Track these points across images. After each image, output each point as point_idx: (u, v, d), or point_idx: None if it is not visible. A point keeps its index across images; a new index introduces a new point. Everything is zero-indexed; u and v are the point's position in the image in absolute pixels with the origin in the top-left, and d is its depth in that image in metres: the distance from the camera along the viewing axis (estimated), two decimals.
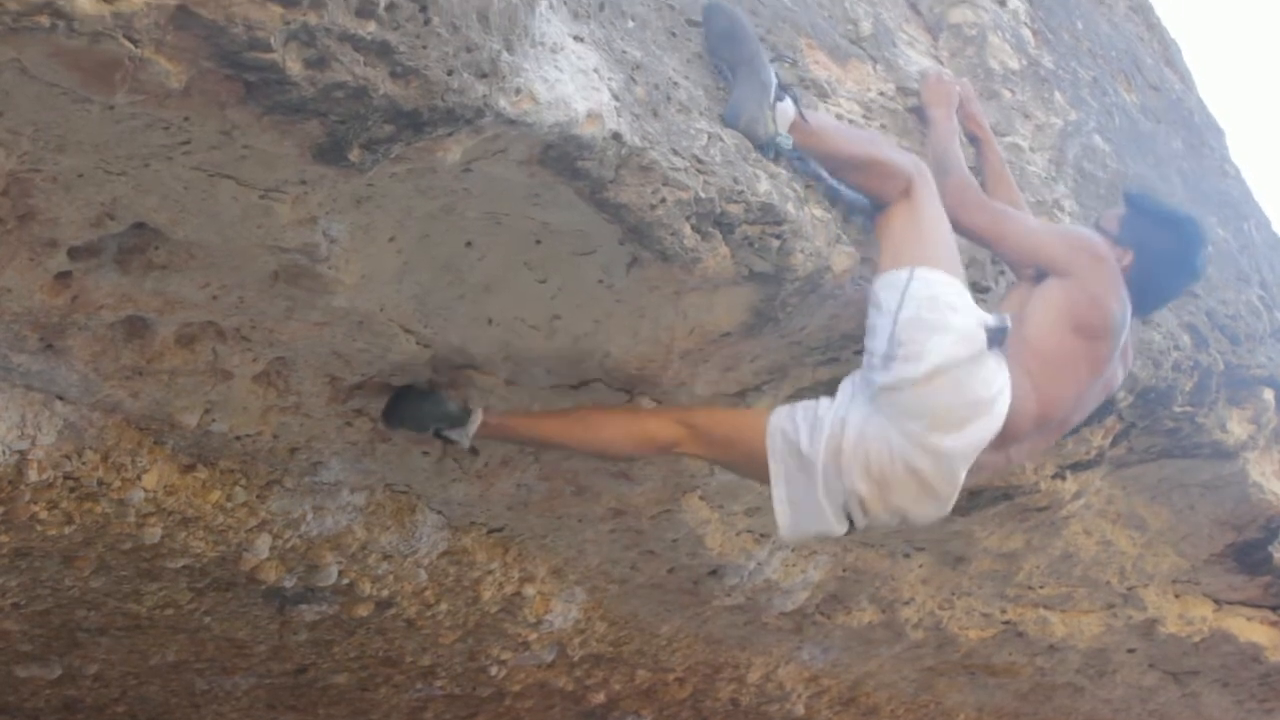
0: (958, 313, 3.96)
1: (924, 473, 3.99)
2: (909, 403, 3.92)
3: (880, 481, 3.99)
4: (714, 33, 3.92)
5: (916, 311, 3.91)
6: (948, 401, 3.93)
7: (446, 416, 4.10)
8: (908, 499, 4.05)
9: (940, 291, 3.96)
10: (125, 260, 3.39)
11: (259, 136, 2.89)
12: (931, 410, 3.92)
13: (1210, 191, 6.78)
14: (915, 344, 3.89)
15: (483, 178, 3.29)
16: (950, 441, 3.96)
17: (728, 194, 3.68)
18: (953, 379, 3.91)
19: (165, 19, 2.53)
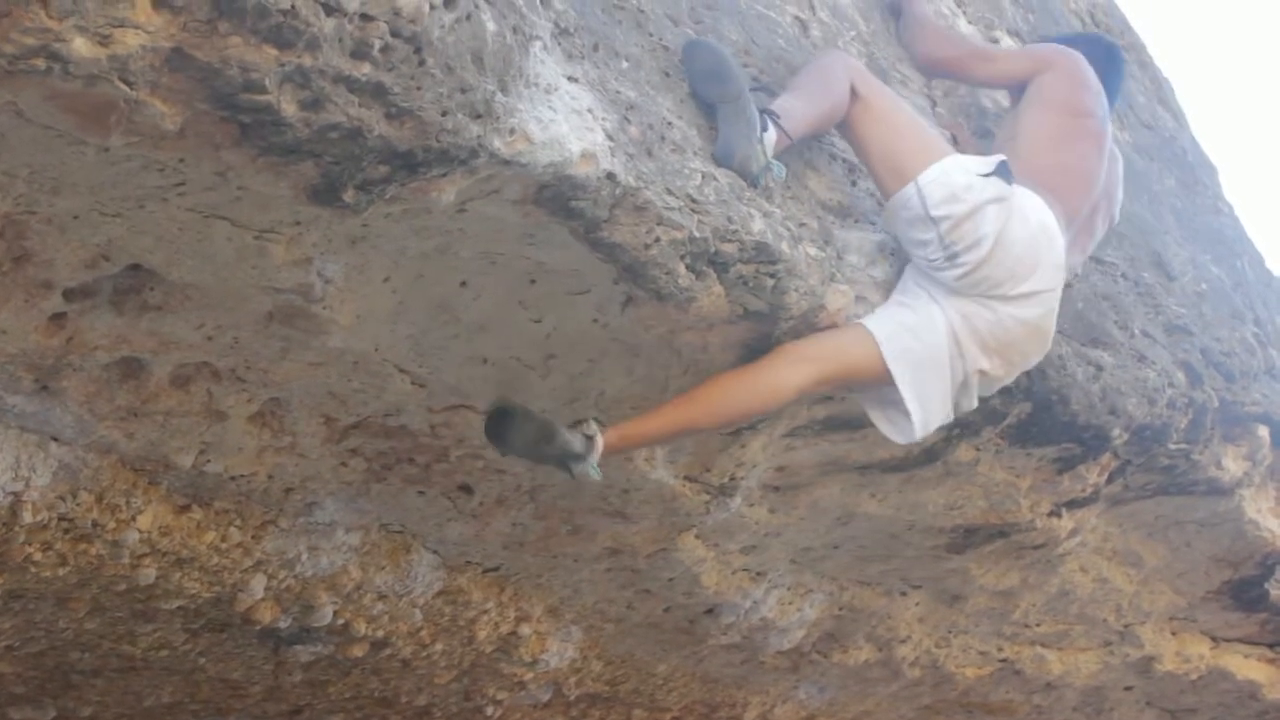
0: (973, 188, 4.17)
1: (1033, 319, 4.31)
2: (988, 276, 4.18)
3: (999, 350, 4.29)
4: (698, 72, 3.92)
5: (948, 212, 4.15)
6: (1018, 254, 4.20)
7: (567, 454, 3.93)
8: (1029, 349, 4.41)
9: (950, 180, 4.18)
10: (120, 301, 3.40)
11: (254, 178, 2.90)
12: (1011, 270, 4.19)
13: (1204, 229, 6.79)
14: (966, 236, 4.14)
15: (477, 218, 3.30)
16: (1038, 279, 4.26)
17: (722, 233, 3.68)
18: (1010, 236, 4.17)
19: (160, 61, 2.54)
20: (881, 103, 4.34)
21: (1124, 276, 5.71)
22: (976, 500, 5.45)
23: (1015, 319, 4.25)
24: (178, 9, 2.50)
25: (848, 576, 5.89)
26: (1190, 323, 5.95)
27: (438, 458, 4.33)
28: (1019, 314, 4.26)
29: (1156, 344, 5.65)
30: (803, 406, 4.49)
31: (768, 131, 3.93)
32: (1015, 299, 4.24)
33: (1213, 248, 6.72)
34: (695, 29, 4.09)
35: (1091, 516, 5.95)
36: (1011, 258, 4.19)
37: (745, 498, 4.86)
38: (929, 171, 4.19)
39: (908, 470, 5.11)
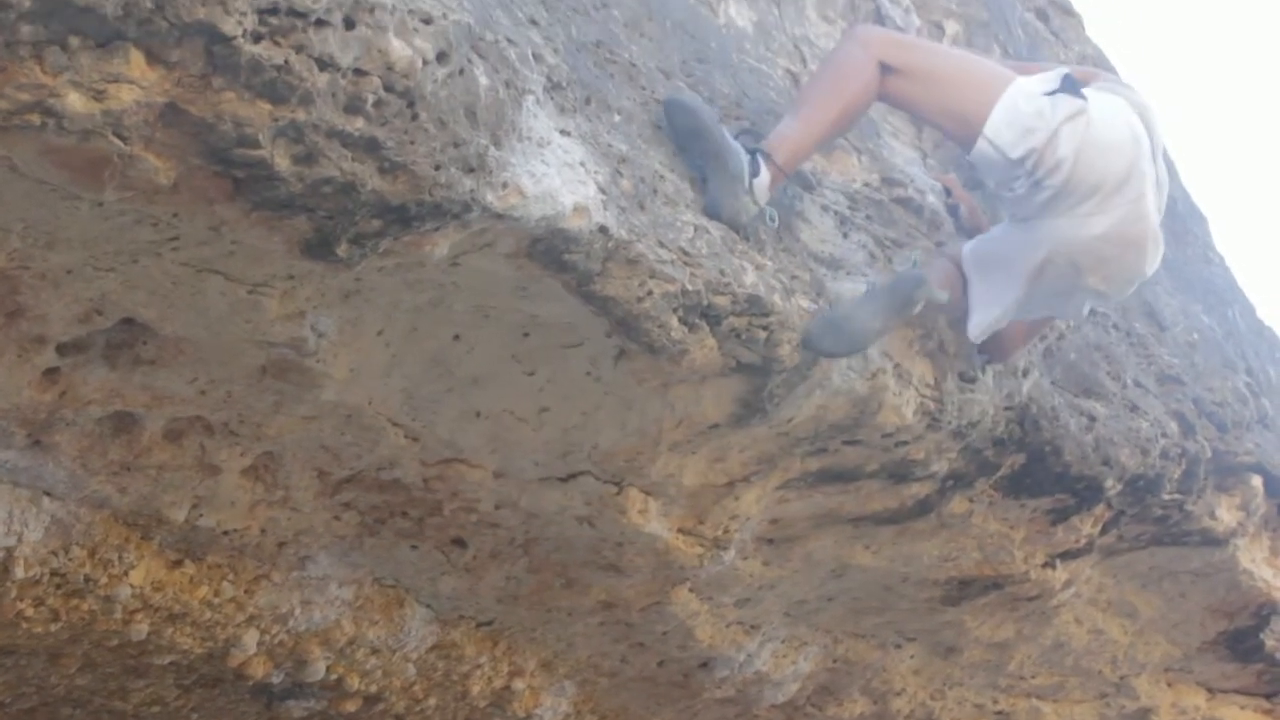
0: (1043, 113, 4.19)
1: (1132, 233, 4.32)
2: (1076, 192, 4.22)
3: (1095, 267, 4.35)
4: (679, 130, 3.90)
5: (1029, 147, 4.17)
6: (1103, 165, 4.23)
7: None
8: (1141, 261, 4.45)
9: (1018, 116, 4.20)
10: (113, 355, 3.40)
11: (247, 232, 2.90)
12: (1096, 184, 4.23)
13: (1194, 279, 6.82)
14: (1047, 160, 4.17)
15: (470, 271, 3.30)
16: (1130, 189, 4.27)
17: (714, 286, 3.69)
18: (1091, 150, 4.20)
19: (154, 116, 2.55)
20: (921, 64, 4.33)
21: (1116, 327, 5.73)
22: (971, 552, 5.44)
23: (1119, 235, 4.28)
24: (172, 64, 2.51)
25: (842, 629, 5.88)
26: (1182, 373, 5.97)
27: (431, 511, 4.32)
28: (1121, 229, 4.28)
29: (1149, 394, 5.67)
30: (796, 459, 4.49)
31: (759, 176, 3.92)
32: (1115, 214, 4.25)
33: (1204, 297, 6.75)
34: (687, 82, 4.11)
35: (1086, 568, 5.95)
36: (1096, 172, 4.21)
37: (739, 550, 4.85)
38: (993, 117, 4.20)
39: (902, 522, 5.11)
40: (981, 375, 4.74)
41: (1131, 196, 4.28)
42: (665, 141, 3.88)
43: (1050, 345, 5.22)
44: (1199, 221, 7.47)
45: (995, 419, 4.86)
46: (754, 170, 3.90)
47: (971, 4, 5.85)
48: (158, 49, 2.48)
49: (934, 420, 4.59)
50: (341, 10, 2.65)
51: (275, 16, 2.56)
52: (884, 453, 4.62)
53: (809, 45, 4.92)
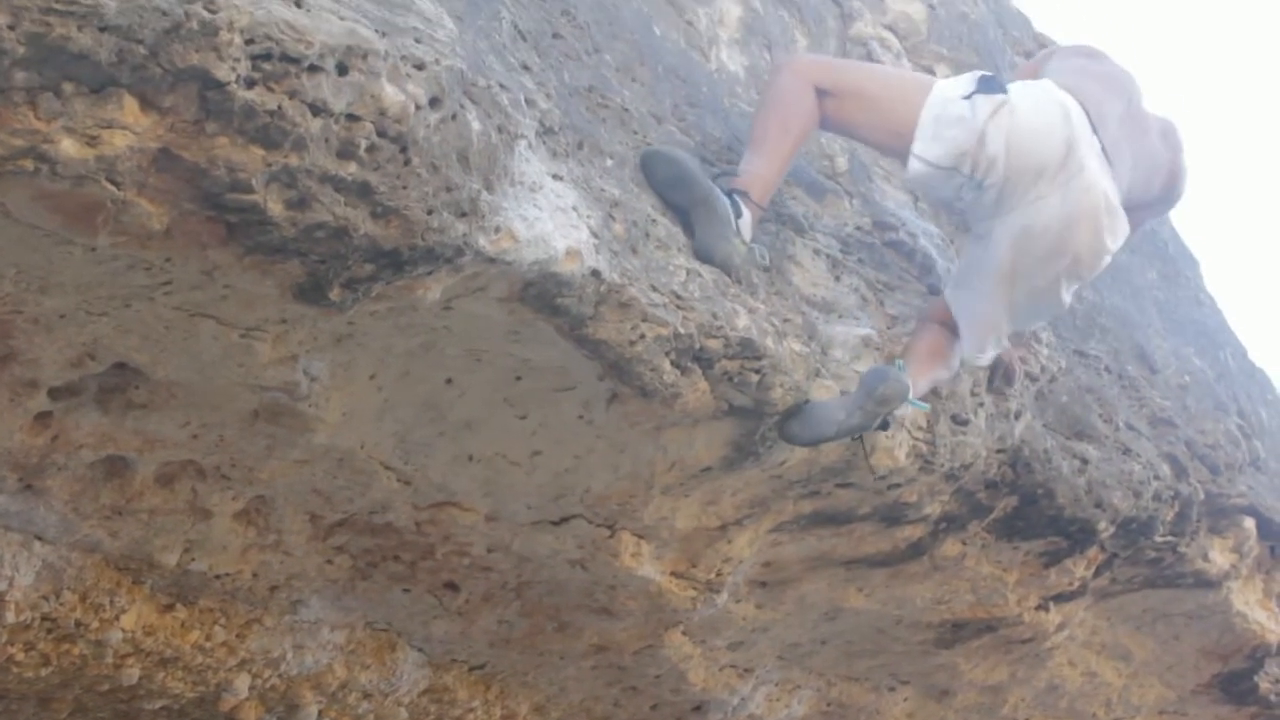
0: (965, 118, 4.25)
1: (1085, 204, 4.32)
2: (1020, 181, 4.26)
3: (1069, 247, 4.35)
4: (660, 182, 3.90)
5: (956, 155, 4.24)
6: (1035, 148, 4.27)
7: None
8: (1099, 232, 4.40)
9: (940, 129, 4.27)
10: (106, 400, 3.40)
11: (240, 276, 2.91)
12: (1039, 165, 4.27)
13: (1186, 321, 6.83)
14: (981, 162, 4.23)
15: (463, 315, 3.31)
16: (1073, 162, 4.28)
17: (707, 329, 3.70)
18: (1020, 137, 4.25)
19: (148, 162, 2.56)
20: (852, 84, 4.39)
21: (1108, 369, 5.74)
22: (964, 594, 5.44)
23: (1060, 213, 4.29)
24: (165, 110, 2.52)
25: (835, 672, 5.87)
26: (1174, 415, 5.97)
27: (423, 555, 4.31)
28: (1062, 205, 4.29)
29: (1141, 437, 5.67)
30: (788, 502, 4.49)
31: (743, 217, 3.94)
32: (1053, 191, 4.28)
33: (1195, 340, 6.76)
34: (679, 126, 4.13)
35: (1079, 610, 5.95)
36: (1033, 156, 4.25)
37: (732, 593, 4.85)
38: (919, 133, 4.26)
39: (894, 565, 5.11)
40: (974, 418, 4.74)
41: (1074, 170, 4.30)
42: None
43: (1042, 388, 5.22)
44: (1190, 264, 7.49)
45: (988, 461, 4.86)
46: (737, 211, 3.92)
47: (961, 48, 5.89)
48: (151, 95, 2.49)
49: (926, 463, 4.59)
50: (334, 56, 2.66)
51: (268, 62, 2.57)
52: (876, 495, 4.62)
53: None
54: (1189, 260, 7.53)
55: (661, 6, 4.48)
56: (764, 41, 4.90)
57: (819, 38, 5.27)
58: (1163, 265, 7.02)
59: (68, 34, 2.33)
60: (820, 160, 4.80)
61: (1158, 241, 7.11)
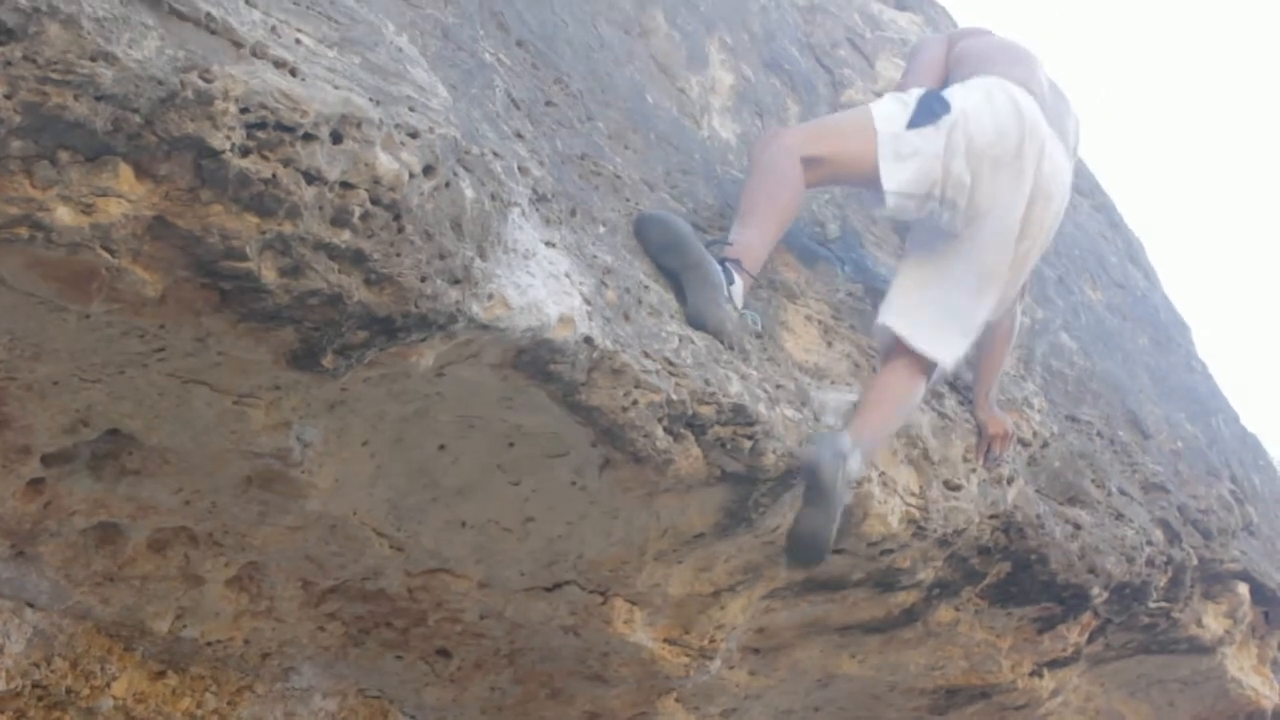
0: (919, 151, 4.47)
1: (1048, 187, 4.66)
2: (985, 188, 4.50)
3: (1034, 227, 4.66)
4: (654, 246, 3.93)
5: (928, 184, 4.45)
6: (999, 145, 4.53)
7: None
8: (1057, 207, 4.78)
9: (901, 163, 4.45)
10: (99, 466, 3.40)
11: (234, 343, 2.91)
12: (995, 160, 4.50)
13: (1178, 387, 6.84)
14: (950, 186, 4.46)
15: (456, 381, 3.31)
16: (1027, 153, 4.57)
17: (699, 395, 3.70)
18: (977, 144, 4.49)
19: (142, 230, 2.57)
20: (834, 149, 4.50)
21: (1100, 435, 5.74)
22: (958, 660, 5.42)
23: (1033, 195, 4.57)
24: (160, 178, 2.53)
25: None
26: (1167, 480, 5.97)
27: (416, 621, 4.30)
28: (1033, 190, 4.57)
29: (1134, 502, 5.67)
30: (782, 568, 4.48)
31: (734, 284, 3.97)
32: (1023, 177, 4.53)
33: (1187, 405, 6.77)
34: (671, 194, 4.15)
35: (1073, 676, 5.92)
36: (994, 153, 4.49)
37: (725, 660, 4.83)
38: (882, 171, 4.44)
39: (888, 631, 5.09)
40: (966, 483, 4.75)
41: (1033, 155, 4.58)
42: None
43: (1034, 453, 5.23)
44: (1181, 330, 7.52)
45: (981, 527, 4.86)
46: (729, 279, 3.95)
47: None
48: (147, 163, 2.51)
49: (920, 529, 4.59)
50: (329, 125, 2.68)
51: (263, 131, 2.58)
52: (870, 561, 4.62)
53: None
54: (1180, 326, 7.55)
55: (654, 74, 4.52)
56: (755, 109, 4.94)
57: (810, 105, 5.31)
58: (1154, 331, 7.04)
59: (64, 103, 2.35)
60: (811, 226, 4.83)
61: (1148, 307, 7.14)
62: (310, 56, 2.72)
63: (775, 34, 5.36)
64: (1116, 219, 7.59)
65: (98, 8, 2.33)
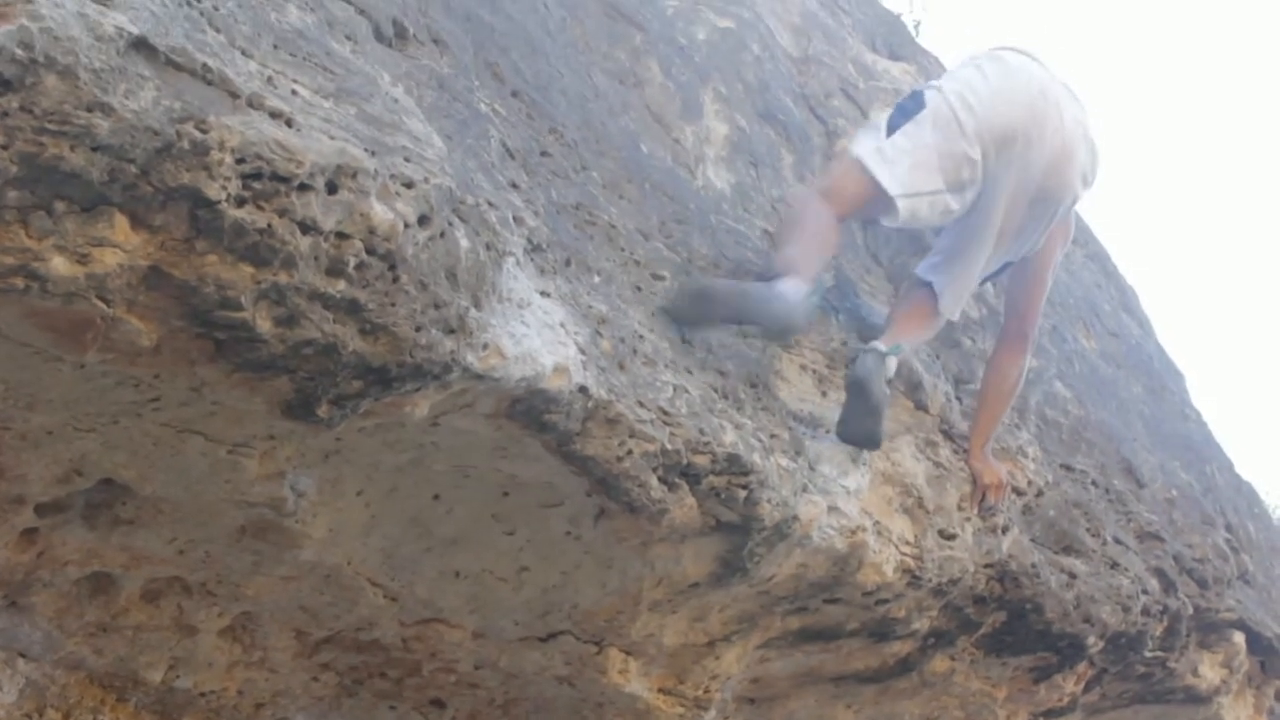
0: (907, 146, 4.58)
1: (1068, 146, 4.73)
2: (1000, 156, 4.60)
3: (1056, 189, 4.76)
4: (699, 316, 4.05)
5: (927, 174, 4.55)
6: (1006, 115, 4.62)
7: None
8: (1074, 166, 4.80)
9: (898, 164, 4.55)
10: (92, 516, 3.39)
11: (228, 393, 2.91)
12: (998, 116, 4.60)
13: (1172, 435, 6.85)
14: (956, 163, 4.56)
15: (450, 431, 3.31)
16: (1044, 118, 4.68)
17: (694, 445, 3.70)
18: (987, 112, 4.59)
19: (138, 279, 2.57)
20: (862, 189, 4.59)
21: (1094, 484, 5.74)
22: (953, 710, 5.40)
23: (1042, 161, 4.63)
24: (156, 228, 2.53)
25: None
26: (1162, 529, 5.97)
27: (410, 672, 4.29)
28: (1044, 156, 4.63)
29: (1129, 551, 5.66)
30: (776, 618, 4.47)
31: (778, 282, 4.10)
32: (1037, 145, 4.61)
33: (1182, 453, 6.77)
34: (665, 243, 4.15)
35: None
36: (1000, 129, 4.57)
37: (720, 710, 4.81)
38: (882, 178, 4.52)
39: (883, 681, 5.08)
40: (961, 532, 4.74)
41: (1049, 116, 4.66)
42: (645, 301, 3.92)
43: (1029, 502, 5.23)
44: (1175, 378, 7.53)
45: (976, 576, 4.85)
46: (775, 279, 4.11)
47: None
48: (142, 213, 2.51)
49: (915, 578, 4.58)
50: (324, 175, 2.68)
51: (259, 181, 2.59)
52: (865, 611, 4.61)
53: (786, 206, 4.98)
54: (1174, 374, 7.56)
55: (649, 124, 4.53)
56: (750, 159, 4.95)
57: (805, 155, 5.32)
58: (1148, 379, 7.05)
59: (61, 154, 2.35)
60: None
61: (1142, 355, 7.15)
62: (306, 107, 2.73)
63: (770, 84, 5.38)
64: (1110, 268, 7.61)
65: (95, 59, 2.33)
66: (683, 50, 4.92)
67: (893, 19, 7.37)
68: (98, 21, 2.34)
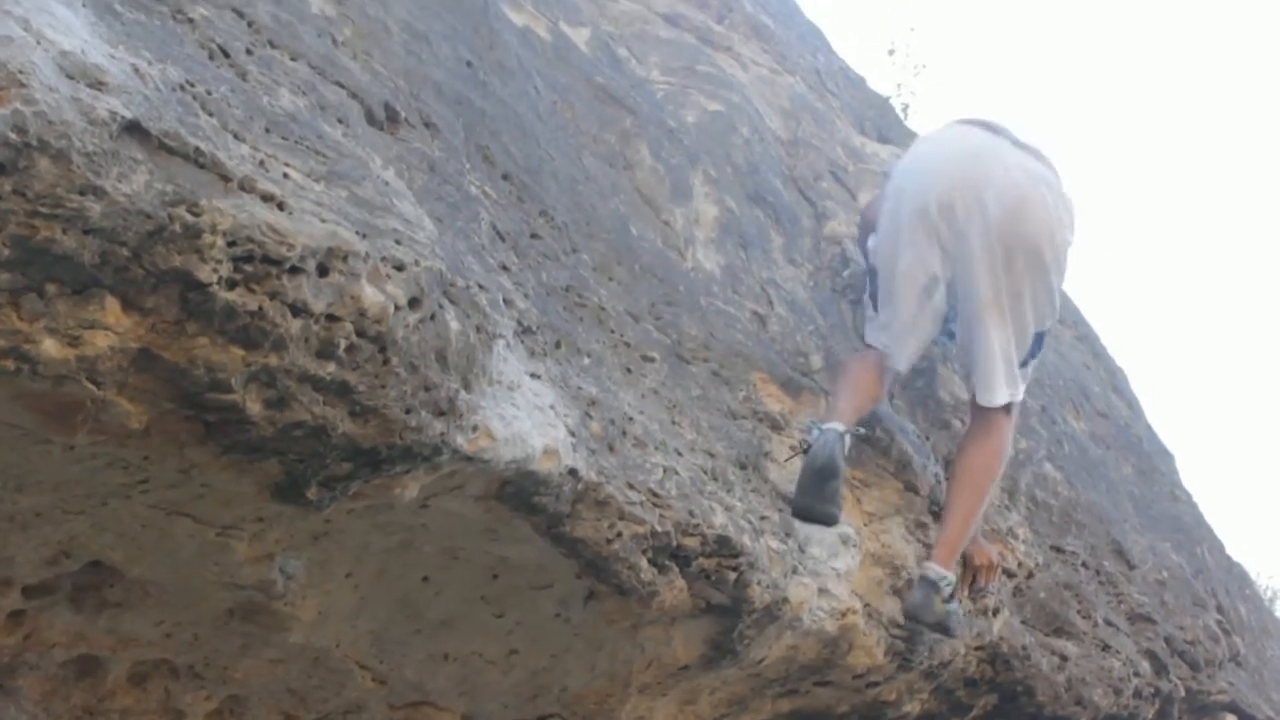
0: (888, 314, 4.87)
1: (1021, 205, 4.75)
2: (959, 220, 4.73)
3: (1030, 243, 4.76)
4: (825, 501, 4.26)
5: (909, 315, 4.81)
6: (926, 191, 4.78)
7: None
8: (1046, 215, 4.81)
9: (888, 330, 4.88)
10: (80, 598, 3.37)
11: (218, 475, 2.91)
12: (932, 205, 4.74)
13: (1162, 516, 6.85)
14: (928, 276, 4.76)
15: (440, 513, 3.31)
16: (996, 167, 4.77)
17: (684, 527, 3.70)
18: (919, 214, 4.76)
19: (128, 362, 2.57)
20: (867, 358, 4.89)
21: (1085, 565, 5.74)
22: None
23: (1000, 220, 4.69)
24: (147, 310, 2.53)
25: None
26: (1153, 611, 5.96)
27: None
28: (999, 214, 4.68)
29: (1120, 633, 5.65)
30: (767, 700, 4.45)
31: (820, 431, 4.29)
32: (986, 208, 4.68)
33: (1172, 535, 6.77)
34: (655, 325, 4.16)
35: None
36: (934, 219, 4.72)
37: None
38: (893, 354, 4.82)
39: None
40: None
41: (992, 177, 4.72)
42: (635, 383, 3.93)
43: (1020, 584, 5.22)
44: (1165, 458, 7.54)
45: (966, 659, 4.84)
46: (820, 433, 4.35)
47: None
48: (133, 296, 2.51)
49: (905, 660, 4.57)
50: (315, 258, 2.69)
51: (250, 264, 2.59)
52: (855, 694, 4.59)
53: (776, 288, 5.00)
54: (1164, 455, 7.57)
55: (639, 206, 4.56)
56: (739, 241, 4.98)
57: (794, 237, 5.35)
58: (1138, 460, 7.05)
59: (53, 237, 2.35)
60: (795, 358, 4.85)
61: (1131, 436, 7.16)
62: (298, 190, 2.75)
63: (759, 167, 5.42)
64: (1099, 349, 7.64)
65: (88, 142, 2.34)
66: (673, 133, 4.96)
67: (881, 102, 7.45)
68: (91, 106, 2.35)
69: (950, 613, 4.51)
